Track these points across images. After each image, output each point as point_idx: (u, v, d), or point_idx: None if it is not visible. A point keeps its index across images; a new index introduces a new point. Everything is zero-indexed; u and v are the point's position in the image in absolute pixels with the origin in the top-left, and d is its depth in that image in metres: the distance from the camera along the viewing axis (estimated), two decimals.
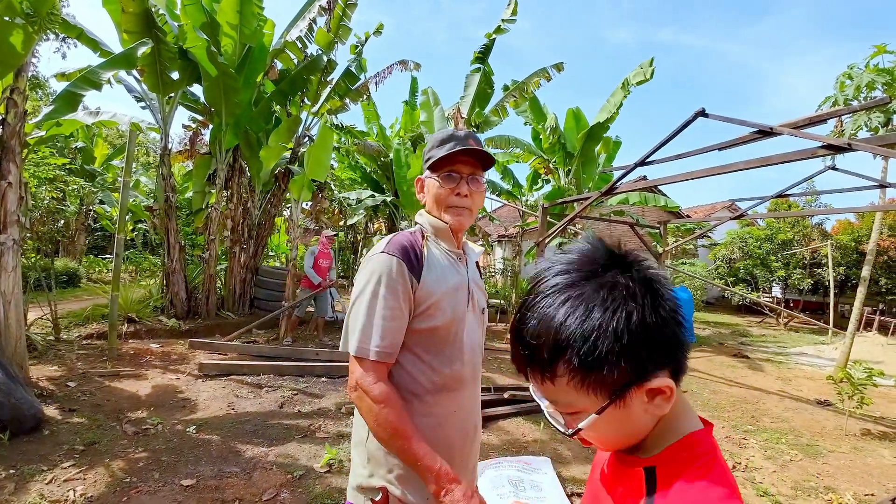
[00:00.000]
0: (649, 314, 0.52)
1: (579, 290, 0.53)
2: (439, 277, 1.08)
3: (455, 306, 1.09)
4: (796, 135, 3.71)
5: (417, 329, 1.05)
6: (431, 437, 1.04)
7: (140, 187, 13.27)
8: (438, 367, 1.07)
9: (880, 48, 9.20)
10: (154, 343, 5.95)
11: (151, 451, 3.01)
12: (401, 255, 1.03)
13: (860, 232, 13.98)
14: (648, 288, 0.54)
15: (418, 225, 1.18)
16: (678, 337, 0.55)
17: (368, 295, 1.01)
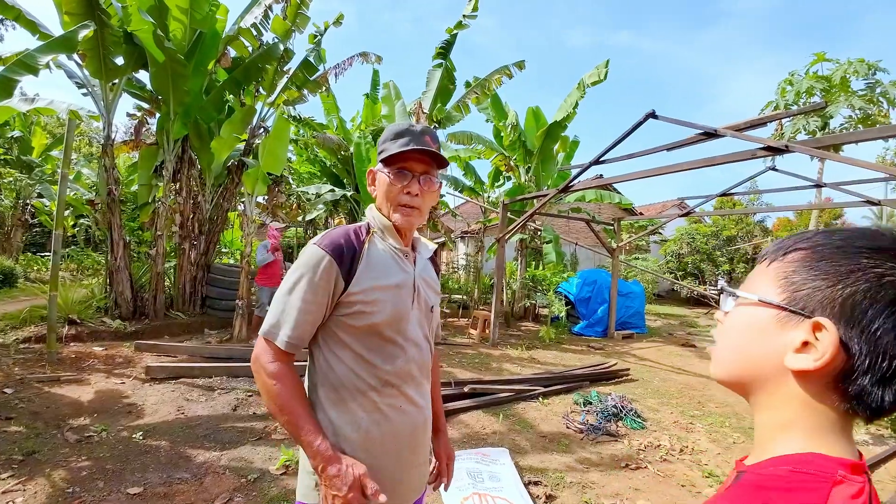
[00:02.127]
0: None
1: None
2: (379, 275, 1.07)
3: (397, 303, 1.08)
4: (738, 137, 3.94)
5: (356, 326, 1.05)
6: (378, 433, 1.05)
7: (82, 180, 12.38)
8: (381, 364, 1.07)
9: (819, 56, 9.89)
10: (97, 346, 5.61)
11: (95, 460, 2.86)
12: (331, 252, 1.03)
13: (798, 229, 15.05)
14: None
15: (365, 219, 1.17)
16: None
17: (291, 284, 1.03)
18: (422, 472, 1.19)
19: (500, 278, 8.01)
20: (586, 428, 3.90)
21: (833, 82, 9.34)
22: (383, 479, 1.04)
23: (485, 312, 8.14)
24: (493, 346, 7.35)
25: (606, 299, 9.08)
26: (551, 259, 9.55)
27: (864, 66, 9.20)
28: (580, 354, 7.21)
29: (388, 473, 1.07)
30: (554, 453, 3.43)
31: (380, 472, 1.04)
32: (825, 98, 9.24)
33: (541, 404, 4.54)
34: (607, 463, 3.32)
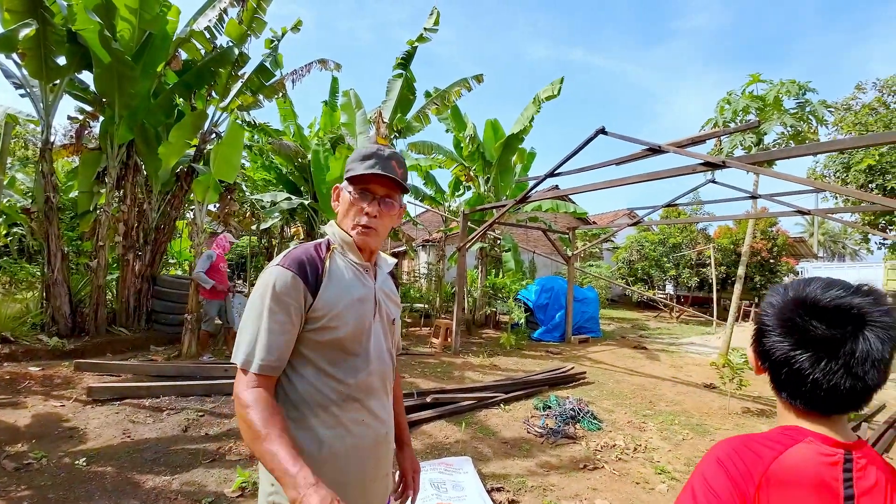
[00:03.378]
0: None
1: None
2: (341, 290, 1.09)
3: (359, 317, 1.10)
4: (680, 153, 4.21)
5: (320, 341, 1.05)
6: (341, 447, 1.05)
7: (16, 185, 11.39)
8: (343, 377, 1.08)
9: (755, 77, 10.69)
10: (33, 366, 5.19)
11: (36, 489, 2.67)
12: (296, 270, 1.03)
13: (738, 236, 16.08)
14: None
15: (327, 236, 1.19)
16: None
17: (259, 307, 1.01)
18: (385, 485, 1.20)
19: (462, 287, 8.09)
20: (546, 432, 4.00)
21: (767, 101, 10.14)
22: (348, 494, 1.04)
23: (446, 321, 8.18)
24: (455, 355, 7.39)
25: (563, 305, 9.36)
26: (510, 267, 9.75)
27: (796, 87, 10.04)
28: (539, 360, 7.39)
29: (353, 488, 1.07)
30: (516, 458, 3.50)
31: (344, 487, 1.04)
32: (759, 116, 10.01)
33: (502, 411, 4.62)
34: (566, 465, 3.43)
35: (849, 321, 0.68)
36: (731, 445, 0.73)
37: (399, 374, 1.44)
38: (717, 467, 0.71)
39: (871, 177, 10.84)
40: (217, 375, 4.95)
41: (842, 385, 0.68)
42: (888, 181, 10.67)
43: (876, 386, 0.70)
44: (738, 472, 0.69)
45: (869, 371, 0.67)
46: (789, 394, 0.74)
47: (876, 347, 0.67)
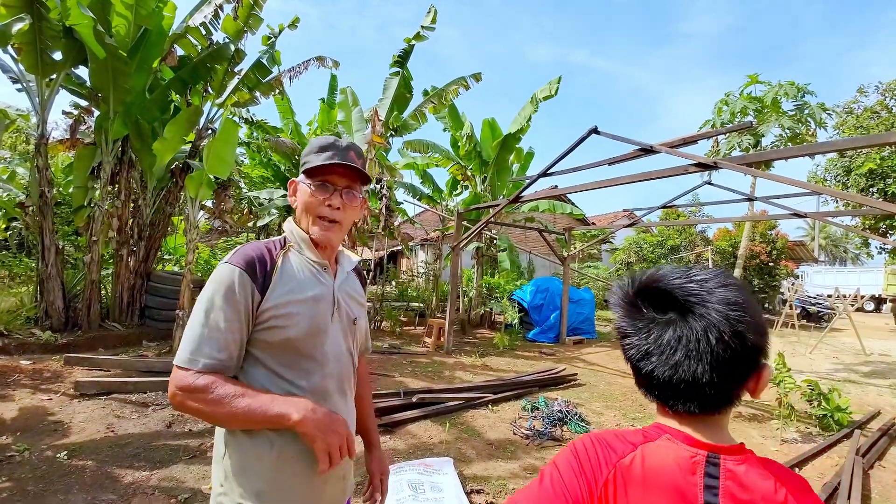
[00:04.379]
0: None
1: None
2: (293, 289, 1.05)
3: (314, 317, 1.07)
4: (672, 153, 4.18)
5: (269, 341, 1.03)
6: (293, 450, 1.01)
7: (16, 180, 11.44)
8: (294, 379, 1.04)
9: (753, 78, 10.67)
10: (24, 359, 5.21)
11: (16, 481, 2.69)
12: (244, 267, 1.00)
13: (737, 239, 16.04)
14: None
15: (284, 233, 1.15)
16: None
17: (203, 306, 0.98)
18: (341, 487, 1.15)
19: (455, 286, 8.07)
20: (532, 434, 3.98)
21: (765, 103, 10.11)
22: (301, 496, 1.03)
23: (440, 320, 8.17)
24: (447, 354, 7.38)
25: (559, 306, 9.34)
26: (506, 267, 9.73)
27: (794, 89, 10.02)
28: (532, 360, 7.37)
29: (306, 490, 1.05)
30: (499, 460, 3.48)
31: (297, 489, 1.03)
32: (757, 118, 9.97)
33: (490, 411, 4.60)
34: None
35: (674, 306, 0.65)
36: (591, 437, 0.70)
37: (369, 374, 1.42)
38: (570, 456, 0.69)
39: (871, 181, 10.78)
40: None
41: (677, 376, 0.62)
42: (889, 185, 10.61)
43: (726, 378, 0.62)
44: (590, 463, 0.66)
45: (704, 356, 0.61)
46: (657, 396, 0.69)
47: (715, 334, 0.61)
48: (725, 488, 0.60)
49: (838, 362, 8.58)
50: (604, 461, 0.66)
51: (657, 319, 0.66)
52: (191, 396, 0.94)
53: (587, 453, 0.68)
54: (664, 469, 0.63)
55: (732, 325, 0.61)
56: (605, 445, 0.68)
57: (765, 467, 0.62)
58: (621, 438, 0.69)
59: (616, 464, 0.65)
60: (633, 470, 0.64)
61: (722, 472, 0.61)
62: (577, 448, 0.69)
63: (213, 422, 0.98)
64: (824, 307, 14.92)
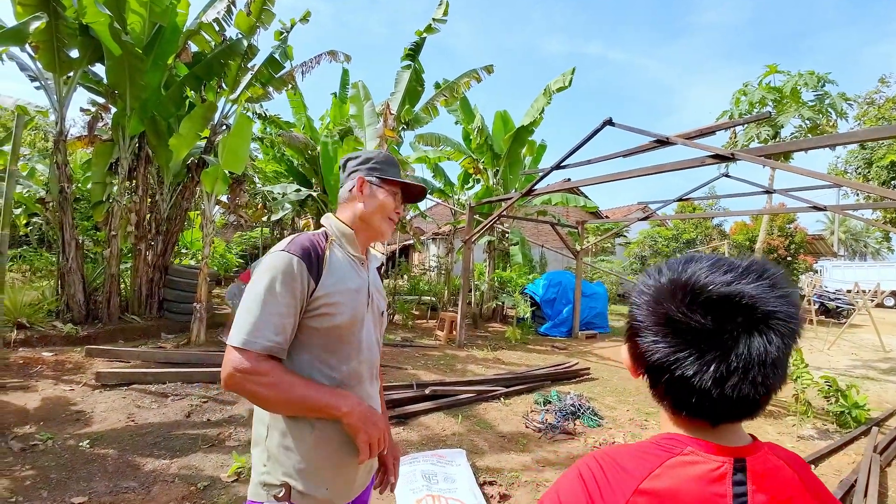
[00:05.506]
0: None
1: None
2: (340, 279, 1.13)
3: (355, 307, 1.15)
4: (688, 145, 4.11)
5: (317, 328, 1.09)
6: (331, 431, 1.09)
7: (36, 176, 11.71)
8: (336, 364, 1.12)
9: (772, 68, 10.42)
10: (47, 351, 5.35)
11: (39, 469, 2.77)
12: (301, 255, 1.06)
13: (754, 232, 15.77)
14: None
15: (323, 228, 1.23)
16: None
17: (261, 291, 1.02)
18: (369, 466, 1.25)
19: (467, 280, 8.08)
20: (544, 427, 3.98)
21: (784, 93, 9.87)
22: (338, 473, 1.11)
23: (452, 314, 8.19)
24: (459, 348, 7.40)
25: (571, 300, 9.29)
26: (518, 261, 9.70)
27: (814, 79, 9.76)
28: (544, 354, 7.35)
29: (343, 468, 1.12)
30: (511, 453, 3.49)
31: (334, 466, 1.10)
32: (777, 108, 9.75)
33: (502, 405, 4.61)
34: (563, 461, 3.41)
35: (740, 313, 0.55)
36: (598, 459, 0.61)
37: (381, 366, 1.46)
38: (575, 484, 0.60)
39: (893, 173, 10.48)
40: (222, 363, 5.03)
41: (737, 393, 0.55)
42: None
43: (776, 389, 0.58)
44: (601, 491, 0.57)
45: (769, 373, 0.55)
46: (673, 403, 0.60)
47: (776, 345, 0.55)
48: (752, 492, 0.56)
49: (857, 359, 8.41)
50: (617, 488, 0.57)
51: (701, 327, 0.57)
52: (250, 379, 0.99)
53: (595, 480, 0.59)
54: (691, 487, 0.56)
55: (787, 340, 0.56)
56: (616, 468, 0.59)
57: (775, 454, 0.60)
58: (636, 457, 0.60)
59: (635, 490, 0.56)
60: (655, 495, 0.56)
61: (749, 477, 0.57)
62: (583, 474, 0.60)
63: (264, 405, 1.04)
64: (843, 302, 14.61)
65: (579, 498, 0.58)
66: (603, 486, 0.58)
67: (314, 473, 1.07)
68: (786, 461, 0.61)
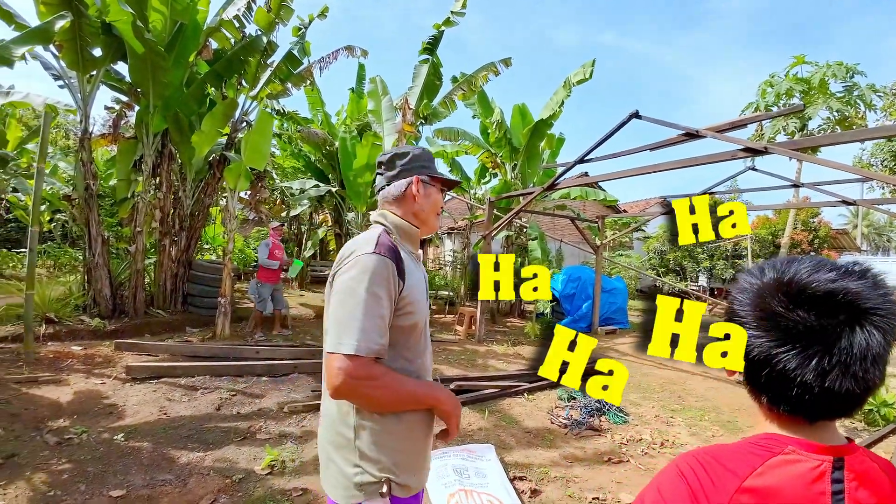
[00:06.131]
0: None
1: None
2: (414, 278, 1.16)
3: (424, 303, 1.20)
4: (719, 138, 4.01)
5: (401, 326, 1.12)
6: (414, 420, 1.15)
7: (58, 174, 11.99)
8: (413, 358, 1.17)
9: (799, 59, 10.13)
10: (76, 345, 5.47)
11: (76, 462, 2.81)
12: (391, 257, 1.08)
13: (777, 227, 15.40)
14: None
15: (380, 226, 1.21)
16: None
17: (363, 294, 1.02)
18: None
19: None
20: (570, 423, 3.95)
21: (812, 85, 9.59)
22: (420, 459, 1.18)
23: (471, 309, 8.18)
24: (478, 343, 7.39)
25: (591, 295, 9.19)
26: (536, 256, 9.63)
27: (843, 70, 9.46)
28: None
29: (423, 454, 1.19)
30: (538, 448, 3.47)
31: (421, 454, 1.17)
32: (804, 100, 9.48)
33: (526, 400, 4.59)
34: (590, 457, 3.38)
35: (843, 309, 0.57)
36: (698, 457, 0.62)
37: None
38: (677, 481, 0.61)
39: None
40: (248, 357, 5.11)
41: (837, 387, 0.57)
42: None
43: (876, 385, 0.59)
44: (703, 489, 0.58)
45: (870, 368, 0.57)
46: (771, 399, 0.62)
47: (877, 340, 0.56)
48: (850, 490, 0.58)
49: None
50: (720, 486, 0.58)
51: (805, 323, 0.59)
52: (366, 384, 1.01)
53: (699, 479, 0.59)
54: (793, 485, 0.58)
55: (888, 337, 0.57)
56: (718, 467, 0.60)
57: (872, 465, 0.61)
58: (737, 456, 0.61)
59: (738, 488, 0.57)
60: (759, 493, 0.57)
61: (846, 476, 0.58)
62: (683, 472, 0.61)
63: (375, 406, 1.07)
64: None
65: (682, 495, 0.59)
66: (705, 483, 0.59)
67: (409, 463, 1.13)
68: (879, 465, 0.62)
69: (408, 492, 1.11)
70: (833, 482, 0.57)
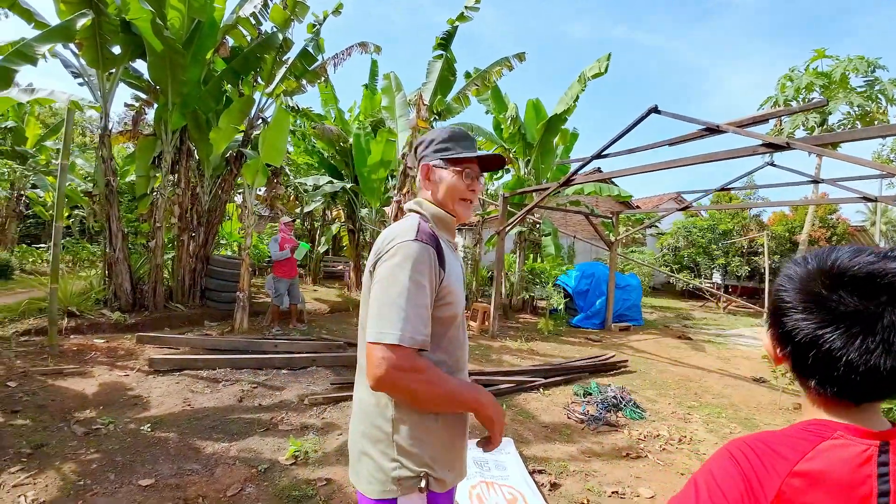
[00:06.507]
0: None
1: None
2: (452, 267, 1.12)
3: (461, 294, 1.15)
4: (740, 133, 3.96)
5: (441, 317, 1.08)
6: (452, 419, 1.13)
7: (76, 170, 12.25)
8: (452, 350, 1.13)
9: (820, 52, 9.93)
10: (98, 338, 5.58)
11: (104, 452, 2.87)
12: (434, 245, 1.05)
13: (794, 223, 15.14)
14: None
15: (416, 215, 1.17)
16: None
17: (406, 282, 0.98)
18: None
19: (500, 271, 8.05)
20: (587, 418, 3.96)
21: (833, 79, 9.39)
22: (456, 455, 1.15)
23: (484, 305, 8.19)
24: (492, 338, 7.41)
25: (604, 292, 9.16)
26: (550, 252, 9.60)
27: (864, 64, 9.25)
28: (578, 346, 7.29)
29: (459, 450, 1.16)
30: (556, 443, 3.49)
31: (457, 451, 1.14)
32: (824, 94, 9.28)
33: (542, 395, 4.60)
34: (608, 452, 3.39)
35: (884, 290, 0.60)
36: (749, 442, 0.65)
37: None
38: (729, 464, 0.63)
39: None
40: (267, 350, 5.19)
41: (882, 365, 0.59)
42: None
43: None
44: (755, 473, 0.61)
45: None
46: (819, 380, 0.65)
47: None
48: (895, 472, 0.60)
49: None
50: (772, 470, 0.61)
51: (848, 303, 0.61)
52: (409, 377, 0.96)
53: (749, 462, 0.62)
54: (841, 468, 0.60)
55: None
56: (769, 451, 0.62)
57: None
58: (787, 441, 0.63)
59: (789, 473, 0.60)
60: (810, 476, 0.59)
61: (892, 458, 0.60)
62: (735, 455, 0.64)
63: (416, 402, 1.01)
64: None
65: (735, 479, 0.61)
66: (757, 467, 0.61)
67: (446, 458, 1.10)
68: None
69: (443, 486, 1.08)
70: (879, 465, 0.60)
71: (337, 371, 4.79)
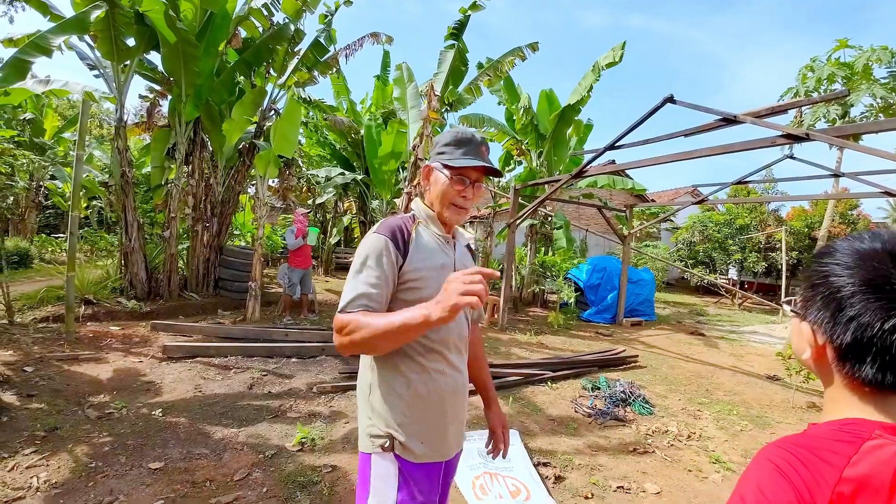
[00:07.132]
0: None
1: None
2: (426, 256, 1.22)
3: (441, 281, 1.15)
4: (758, 124, 3.86)
5: (407, 300, 1.17)
6: (425, 390, 1.20)
7: (93, 161, 12.49)
8: (427, 332, 1.19)
9: (842, 42, 9.58)
10: (114, 325, 5.72)
11: (116, 436, 2.94)
12: (388, 235, 1.18)
13: (813, 219, 14.75)
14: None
15: (412, 211, 1.32)
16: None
17: (359, 265, 1.15)
18: (460, 430, 1.33)
19: (510, 264, 8.02)
20: (595, 412, 3.94)
21: (855, 70, 9.06)
22: (430, 430, 1.20)
23: (493, 297, 8.17)
24: (502, 331, 7.40)
25: (616, 286, 9.06)
26: (562, 245, 9.52)
27: (888, 54, 8.89)
28: (588, 340, 7.24)
29: (434, 427, 1.22)
30: (562, 436, 3.48)
31: (426, 423, 1.20)
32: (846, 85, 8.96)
33: (549, 388, 4.59)
34: (615, 447, 3.37)
35: None
36: (789, 450, 0.61)
37: (481, 340, 1.56)
38: (777, 477, 0.59)
39: None
40: (278, 339, 5.25)
41: None
42: None
43: None
44: (805, 484, 0.57)
45: None
46: (879, 369, 0.60)
47: None
48: None
49: None
50: (822, 479, 0.57)
51: None
52: (343, 335, 1.07)
53: (798, 473, 0.58)
54: (882, 469, 0.56)
55: None
56: (815, 459, 0.58)
57: None
58: (829, 446, 0.59)
59: (838, 479, 0.56)
60: (857, 482, 0.56)
61: None
62: (780, 466, 0.59)
63: (368, 349, 1.08)
64: None
65: (786, 492, 0.57)
66: (806, 478, 0.57)
67: (412, 428, 1.18)
68: None
69: (411, 456, 1.16)
70: None
71: (345, 360, 4.83)
